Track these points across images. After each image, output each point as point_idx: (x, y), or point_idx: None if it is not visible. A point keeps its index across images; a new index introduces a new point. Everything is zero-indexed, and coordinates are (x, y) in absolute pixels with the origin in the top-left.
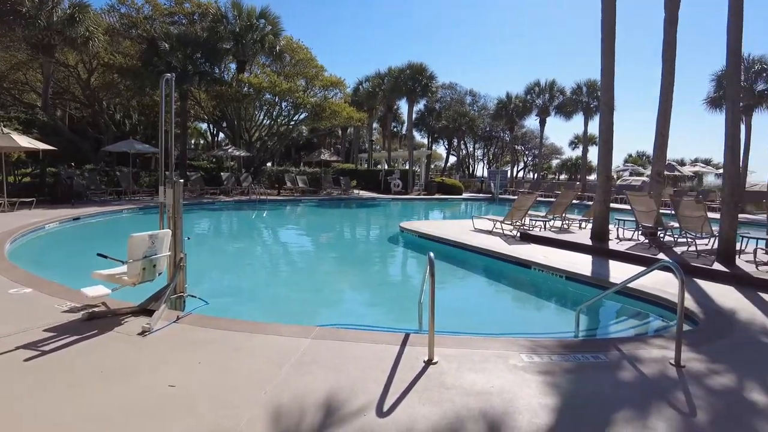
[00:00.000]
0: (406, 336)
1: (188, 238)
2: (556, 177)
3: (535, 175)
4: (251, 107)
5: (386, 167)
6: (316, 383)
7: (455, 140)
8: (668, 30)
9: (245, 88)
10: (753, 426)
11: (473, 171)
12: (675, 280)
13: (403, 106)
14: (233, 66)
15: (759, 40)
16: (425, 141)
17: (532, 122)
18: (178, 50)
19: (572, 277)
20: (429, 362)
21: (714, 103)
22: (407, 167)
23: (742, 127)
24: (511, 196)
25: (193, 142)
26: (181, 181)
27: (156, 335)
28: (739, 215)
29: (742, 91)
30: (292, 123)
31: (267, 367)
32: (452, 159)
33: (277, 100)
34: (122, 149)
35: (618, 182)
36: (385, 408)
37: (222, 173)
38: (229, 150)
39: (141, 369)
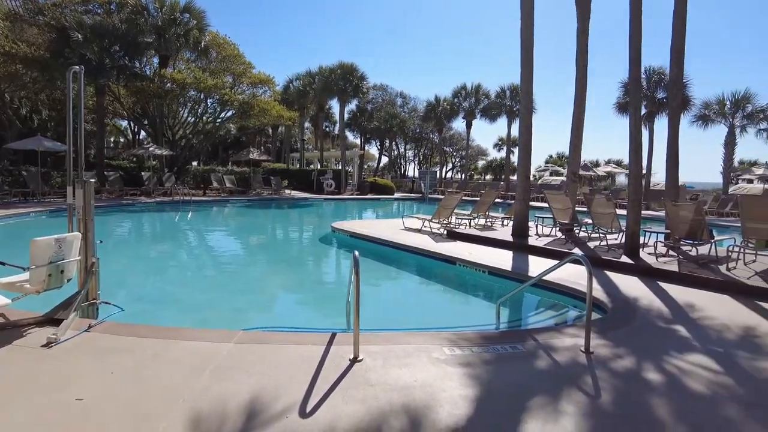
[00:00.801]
0: (333, 336)
1: (100, 242)
2: (483, 177)
3: (463, 175)
4: (175, 104)
5: (319, 167)
6: (237, 388)
7: (387, 141)
8: (580, 39)
9: (168, 84)
10: (647, 402)
11: (405, 171)
12: (598, 277)
13: (335, 105)
14: (155, 60)
15: (658, 52)
16: (358, 141)
17: (459, 124)
18: (93, 42)
19: (494, 271)
20: (354, 360)
21: (622, 108)
22: (340, 167)
23: (646, 132)
24: (440, 196)
25: (112, 140)
26: (93, 180)
27: (64, 346)
28: (645, 212)
29: (645, 99)
30: (219, 121)
31: (186, 374)
32: (384, 159)
33: (202, 96)
34: (29, 147)
35: (539, 182)
36: (308, 409)
37: (143, 173)
38: (151, 148)
39: (44, 383)
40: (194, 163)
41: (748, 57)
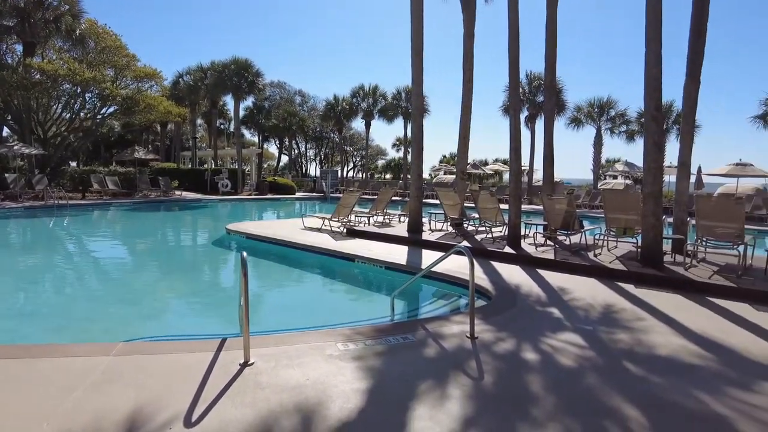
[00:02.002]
0: (223, 341)
1: None
2: (383, 176)
3: (364, 174)
4: (45, 98)
5: (213, 166)
6: (115, 404)
7: (286, 139)
8: (466, 43)
9: (36, 75)
10: (525, 379)
11: (306, 170)
12: (477, 264)
13: (229, 102)
14: (19, 48)
15: (540, 58)
16: (255, 139)
17: (359, 124)
18: None
19: (390, 266)
20: (245, 364)
21: (507, 110)
22: (236, 166)
23: (528, 133)
24: (371, 197)
25: None
26: None
27: None
28: (527, 206)
29: (527, 102)
30: (100, 117)
31: (54, 394)
32: (285, 158)
33: (78, 90)
34: None
35: (434, 180)
36: (194, 417)
37: (6, 174)
38: (16, 147)
39: None
40: (72, 164)
41: (617, 65)
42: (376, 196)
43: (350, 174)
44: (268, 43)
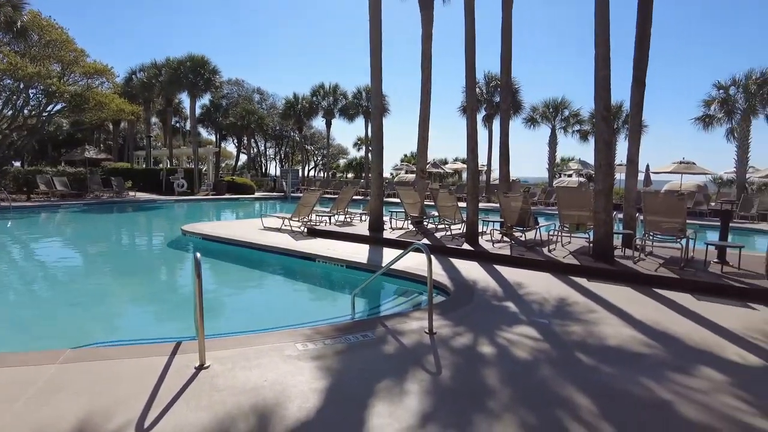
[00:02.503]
0: (178, 344)
1: None
2: (345, 175)
3: (325, 173)
4: None
5: (168, 166)
6: (61, 413)
7: (245, 138)
8: (424, 44)
9: None
10: (481, 372)
11: (266, 170)
12: (437, 261)
13: (185, 100)
14: None
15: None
16: (213, 138)
17: (320, 123)
18: None
19: (351, 265)
20: (201, 367)
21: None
22: (193, 166)
23: (486, 132)
24: (332, 196)
25: None
26: None
27: None
28: (486, 204)
29: (485, 102)
30: (45, 115)
31: None
32: (243, 157)
33: (21, 86)
34: None
35: (396, 179)
36: (147, 423)
37: None
38: None
39: None
40: (16, 164)
41: (575, 65)
42: (337, 195)
43: (311, 173)
44: (226, 41)
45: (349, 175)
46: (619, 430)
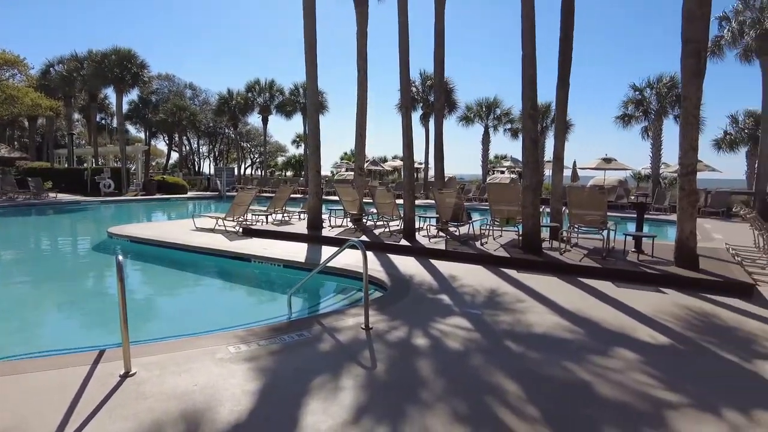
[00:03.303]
0: (101, 353)
1: None
2: (283, 173)
3: (263, 172)
4: None
5: (93, 165)
6: None
7: (176, 135)
8: (360, 41)
9: None
10: (416, 365)
11: (200, 168)
12: (375, 258)
13: (111, 95)
14: None
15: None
16: (142, 135)
17: (256, 119)
18: None
19: (289, 264)
20: (126, 375)
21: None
22: (120, 165)
23: (423, 130)
24: (268, 195)
25: None
26: None
27: None
28: (424, 200)
29: (421, 101)
30: None
31: None
32: (175, 156)
33: None
34: None
35: (336, 177)
36: None
37: None
38: None
39: None
40: None
41: (507, 65)
42: (274, 194)
43: (248, 171)
44: (156, 34)
45: (288, 173)
46: (544, 412)
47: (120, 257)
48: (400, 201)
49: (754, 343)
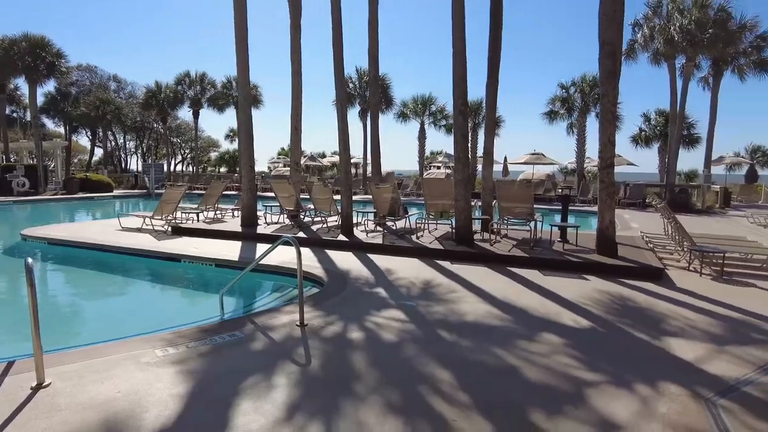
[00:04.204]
0: (10, 364)
1: None
2: (216, 169)
3: (194, 168)
4: None
5: (4, 162)
6: None
7: (100, 130)
8: (293, 34)
9: None
10: (351, 359)
11: (127, 165)
12: (312, 254)
13: (24, 86)
14: None
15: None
16: (61, 130)
17: (186, 114)
18: None
19: (221, 263)
20: (38, 387)
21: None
22: (36, 162)
23: (361, 125)
24: (199, 191)
25: None
26: None
27: None
28: (363, 195)
29: (358, 97)
30: None
31: None
32: (99, 152)
33: None
34: None
35: (273, 173)
36: None
37: None
38: None
39: None
40: None
41: (445, 61)
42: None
43: (179, 168)
44: (77, 24)
45: (222, 170)
46: (474, 397)
47: (30, 260)
48: (338, 197)
49: (663, 322)
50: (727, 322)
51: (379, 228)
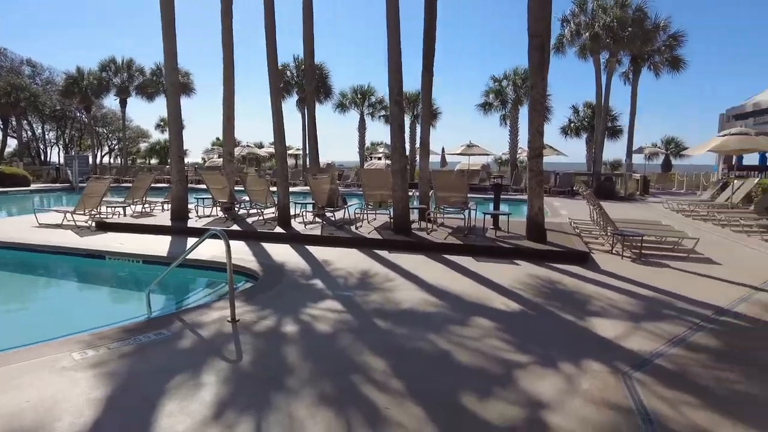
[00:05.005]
0: None
1: None
2: (147, 161)
3: (122, 160)
4: None
5: None
6: None
7: (13, 119)
8: (224, 19)
9: None
10: (283, 352)
11: (47, 157)
12: (247, 247)
13: None
14: None
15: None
16: None
17: (113, 102)
18: None
19: (149, 260)
20: None
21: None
22: None
23: (299, 115)
24: (125, 184)
25: None
26: None
27: None
28: (304, 186)
29: (296, 86)
30: None
31: None
32: (14, 143)
33: None
34: None
35: (207, 164)
36: None
37: None
38: None
39: None
40: None
41: (379, 51)
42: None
43: (106, 159)
44: None
45: (153, 161)
46: (408, 384)
47: None
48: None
49: (588, 303)
50: (643, 301)
51: (318, 219)
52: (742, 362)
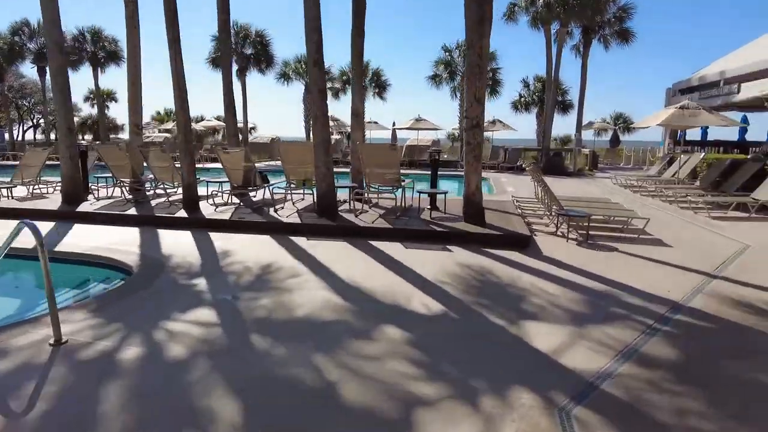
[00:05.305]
0: None
1: None
2: (82, 137)
3: (47, 135)
4: None
5: None
6: None
7: None
8: None
9: None
10: (104, 391)
11: None
12: (138, 235)
13: None
14: None
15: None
16: None
17: (32, 71)
18: None
19: (11, 253)
20: None
21: (215, 62)
22: None
23: (239, 86)
24: (15, 163)
25: None
26: None
27: None
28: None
29: (234, 55)
30: None
31: None
32: None
33: None
34: None
35: (146, 141)
36: None
37: None
38: None
39: None
40: None
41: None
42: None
43: (30, 135)
44: None
45: (88, 137)
46: None
47: None
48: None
49: (524, 300)
50: (588, 296)
51: (235, 201)
52: (705, 380)
